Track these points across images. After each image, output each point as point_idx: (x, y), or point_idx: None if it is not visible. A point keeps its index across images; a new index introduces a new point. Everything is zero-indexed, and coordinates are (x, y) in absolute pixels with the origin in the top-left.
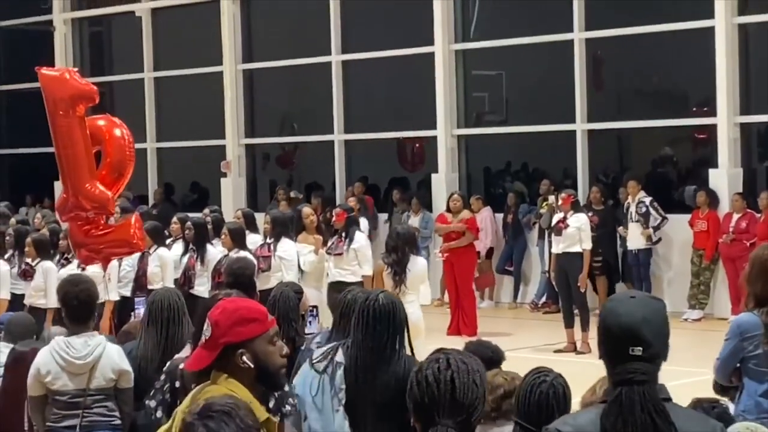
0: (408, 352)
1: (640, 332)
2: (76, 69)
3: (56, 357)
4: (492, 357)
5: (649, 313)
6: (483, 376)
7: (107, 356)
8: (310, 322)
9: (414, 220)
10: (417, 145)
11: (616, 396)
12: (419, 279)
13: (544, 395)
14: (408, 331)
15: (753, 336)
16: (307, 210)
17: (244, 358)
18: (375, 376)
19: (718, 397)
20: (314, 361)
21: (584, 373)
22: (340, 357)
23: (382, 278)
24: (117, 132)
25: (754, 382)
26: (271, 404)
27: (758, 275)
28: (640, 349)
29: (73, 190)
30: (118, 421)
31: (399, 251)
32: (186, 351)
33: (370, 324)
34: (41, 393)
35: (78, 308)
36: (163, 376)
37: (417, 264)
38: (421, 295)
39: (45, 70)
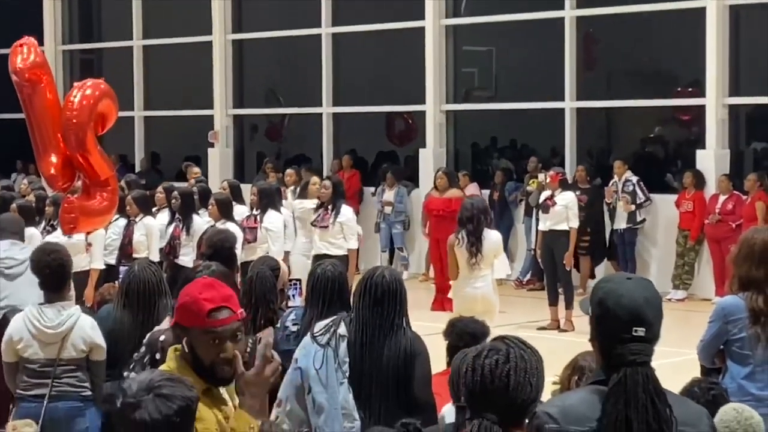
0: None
1: (644, 313)
2: (26, 40)
3: (28, 325)
4: (484, 332)
5: (650, 294)
6: (540, 376)
7: (80, 327)
8: (293, 295)
9: (389, 194)
10: (410, 120)
11: (621, 377)
12: (492, 252)
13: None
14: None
15: (737, 319)
16: (315, 177)
17: (183, 341)
18: (381, 352)
19: (716, 379)
20: (316, 335)
21: (567, 351)
22: (342, 330)
23: (454, 252)
24: (75, 96)
25: (737, 365)
26: None
27: (745, 257)
28: (643, 329)
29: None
30: (89, 392)
31: (475, 220)
32: (165, 324)
33: (378, 300)
34: (14, 360)
35: (50, 276)
36: (143, 348)
37: (490, 236)
38: (495, 269)
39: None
